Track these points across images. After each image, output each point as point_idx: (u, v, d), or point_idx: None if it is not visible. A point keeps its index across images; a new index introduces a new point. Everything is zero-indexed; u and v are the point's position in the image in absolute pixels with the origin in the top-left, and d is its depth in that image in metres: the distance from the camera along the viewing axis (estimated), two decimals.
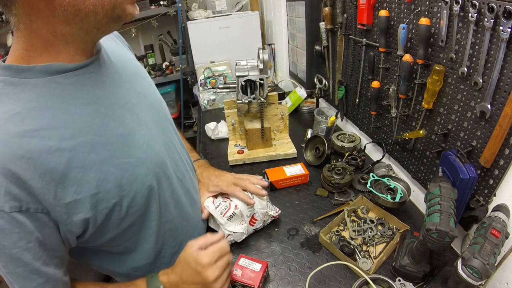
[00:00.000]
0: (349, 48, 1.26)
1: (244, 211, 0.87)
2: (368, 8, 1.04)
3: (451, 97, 0.79)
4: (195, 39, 2.07)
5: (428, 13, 0.80)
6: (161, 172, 0.67)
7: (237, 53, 2.09)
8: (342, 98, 1.39)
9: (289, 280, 0.79)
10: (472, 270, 0.58)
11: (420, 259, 0.72)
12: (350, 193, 1.06)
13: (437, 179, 0.74)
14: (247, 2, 2.24)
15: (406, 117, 0.99)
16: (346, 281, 0.76)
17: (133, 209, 0.60)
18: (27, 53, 0.49)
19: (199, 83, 2.09)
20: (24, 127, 0.46)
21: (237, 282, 0.75)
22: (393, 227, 0.90)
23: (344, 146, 1.23)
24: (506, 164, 0.66)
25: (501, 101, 0.64)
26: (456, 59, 0.74)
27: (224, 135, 1.51)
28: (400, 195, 0.92)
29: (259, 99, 1.22)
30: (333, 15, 1.32)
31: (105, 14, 0.49)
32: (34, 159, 0.45)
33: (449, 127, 0.81)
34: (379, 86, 1.07)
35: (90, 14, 0.47)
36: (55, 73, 0.50)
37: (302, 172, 1.12)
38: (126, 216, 0.59)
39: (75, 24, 0.48)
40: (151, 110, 0.70)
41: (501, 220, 0.64)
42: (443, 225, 0.62)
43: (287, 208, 1.03)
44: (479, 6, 0.63)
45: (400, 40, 0.88)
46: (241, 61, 1.19)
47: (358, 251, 0.82)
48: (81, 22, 0.48)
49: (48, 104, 0.49)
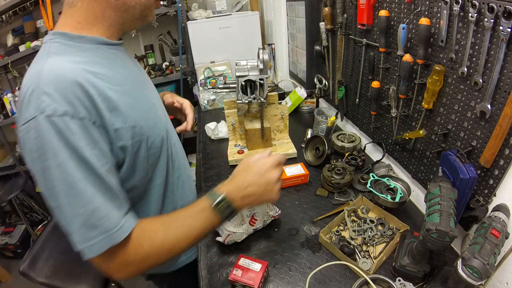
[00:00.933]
0: (349, 48, 1.26)
1: (244, 211, 0.87)
2: (368, 8, 1.04)
3: (451, 97, 0.79)
4: (195, 39, 2.07)
5: (428, 13, 0.80)
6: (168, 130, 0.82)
7: (237, 53, 2.09)
8: (342, 98, 1.39)
9: (289, 280, 0.79)
10: (472, 270, 0.58)
11: (420, 259, 0.72)
12: (350, 193, 1.06)
13: (437, 179, 0.74)
14: (247, 2, 2.24)
15: (406, 117, 0.99)
16: (346, 281, 0.76)
17: (152, 150, 0.72)
18: (79, 25, 0.63)
19: (199, 83, 2.09)
20: (90, 69, 0.60)
21: (237, 282, 0.75)
22: (393, 227, 0.90)
23: (344, 146, 1.23)
24: (506, 164, 0.66)
25: (501, 101, 0.64)
26: (456, 59, 0.74)
27: (224, 135, 1.51)
28: (400, 195, 0.92)
29: (259, 99, 1.22)
30: (333, 15, 1.32)
31: (139, 11, 0.67)
32: (98, 88, 0.58)
33: (449, 127, 0.81)
34: (379, 86, 1.07)
35: (130, 8, 0.65)
36: (100, 43, 0.66)
37: (302, 172, 1.12)
38: (148, 156, 0.71)
39: (119, 12, 0.65)
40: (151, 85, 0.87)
41: (501, 220, 0.64)
42: (443, 225, 0.62)
43: (287, 208, 1.03)
44: (479, 6, 0.63)
45: (400, 40, 0.88)
46: (241, 61, 1.19)
47: (358, 251, 0.82)
48: (123, 12, 0.66)
49: (99, 61, 0.64)
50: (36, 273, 1.24)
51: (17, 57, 2.20)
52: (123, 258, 0.59)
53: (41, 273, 1.24)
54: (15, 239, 2.36)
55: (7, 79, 2.50)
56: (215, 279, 0.81)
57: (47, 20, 2.13)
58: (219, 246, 0.90)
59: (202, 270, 0.84)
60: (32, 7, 2.23)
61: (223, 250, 0.89)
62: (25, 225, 2.42)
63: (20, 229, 2.44)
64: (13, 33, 2.35)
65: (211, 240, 0.92)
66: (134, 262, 0.60)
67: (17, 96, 2.25)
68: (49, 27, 2.13)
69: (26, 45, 2.20)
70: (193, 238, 0.64)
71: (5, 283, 2.25)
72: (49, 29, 2.12)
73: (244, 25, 2.09)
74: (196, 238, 0.65)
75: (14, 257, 2.40)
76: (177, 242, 0.63)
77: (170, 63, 2.59)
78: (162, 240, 0.62)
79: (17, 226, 2.47)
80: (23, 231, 2.42)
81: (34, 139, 0.52)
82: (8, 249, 2.38)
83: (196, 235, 0.64)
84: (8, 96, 2.27)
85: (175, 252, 0.64)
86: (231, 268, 0.77)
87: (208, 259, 0.87)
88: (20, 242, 2.36)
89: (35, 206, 2.60)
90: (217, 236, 0.88)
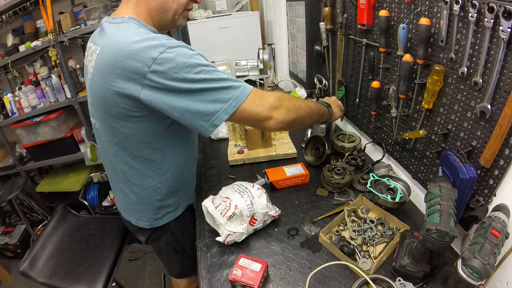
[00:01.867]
0: (349, 48, 1.26)
1: (244, 211, 0.87)
2: (368, 8, 1.04)
3: (451, 97, 0.79)
4: (195, 39, 2.07)
5: (428, 13, 0.80)
6: None
7: (237, 53, 2.09)
8: (342, 98, 1.39)
9: (289, 280, 0.79)
10: (472, 270, 0.58)
11: (420, 259, 0.72)
12: (350, 193, 1.06)
13: (437, 179, 0.74)
14: (247, 2, 2.24)
15: (406, 117, 0.99)
16: (346, 281, 0.76)
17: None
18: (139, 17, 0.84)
19: None
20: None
21: (237, 282, 0.75)
22: (393, 227, 0.90)
23: (344, 146, 1.23)
24: (506, 164, 0.66)
25: (501, 101, 0.64)
26: (456, 59, 0.74)
27: (224, 135, 1.51)
28: (400, 195, 0.92)
29: None
30: (333, 15, 1.32)
31: (172, 15, 0.87)
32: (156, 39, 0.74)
33: (449, 127, 0.81)
34: (379, 86, 1.07)
35: (165, 13, 0.86)
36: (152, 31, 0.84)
37: (302, 172, 1.12)
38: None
39: (158, 14, 0.86)
40: None
41: (501, 220, 0.64)
42: (443, 225, 0.62)
43: (287, 208, 1.03)
44: (479, 6, 0.63)
45: (400, 40, 0.88)
46: (241, 61, 1.19)
47: (358, 251, 0.82)
48: (160, 14, 0.86)
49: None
50: (36, 273, 1.24)
51: (17, 57, 2.20)
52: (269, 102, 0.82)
53: (41, 273, 1.24)
54: (15, 239, 2.36)
55: (7, 79, 2.50)
56: (215, 279, 0.81)
57: (47, 20, 2.12)
58: (219, 246, 0.90)
59: (202, 270, 0.84)
60: (32, 7, 2.23)
61: (223, 250, 0.89)
62: (25, 225, 2.42)
63: (20, 229, 2.43)
64: (13, 33, 2.35)
65: (211, 240, 0.92)
66: (279, 106, 0.83)
67: (17, 96, 2.25)
68: (49, 27, 2.12)
69: (26, 45, 2.19)
70: (313, 113, 0.96)
71: (5, 283, 2.25)
72: (49, 29, 2.12)
73: (244, 25, 2.09)
74: (314, 113, 0.96)
75: (14, 257, 2.40)
76: (307, 109, 0.92)
77: None
78: (297, 102, 0.89)
79: (17, 226, 2.47)
80: (23, 231, 2.42)
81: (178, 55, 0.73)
82: (8, 249, 2.37)
83: (315, 111, 0.97)
84: (8, 96, 2.26)
85: (303, 118, 0.90)
86: (231, 268, 0.77)
87: (208, 259, 0.87)
88: (20, 242, 2.35)
89: (35, 206, 2.60)
90: (217, 236, 0.88)
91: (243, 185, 0.95)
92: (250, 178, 1.18)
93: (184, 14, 0.90)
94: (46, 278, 1.24)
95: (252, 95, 0.78)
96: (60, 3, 2.35)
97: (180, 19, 0.90)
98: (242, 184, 0.95)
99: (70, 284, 1.24)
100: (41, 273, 1.24)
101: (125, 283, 2.07)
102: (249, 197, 0.89)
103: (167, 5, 0.85)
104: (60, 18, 2.18)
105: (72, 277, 1.26)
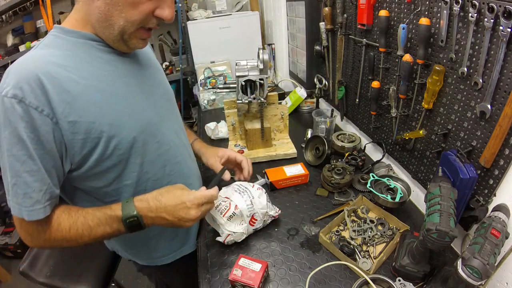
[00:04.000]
0: (349, 48, 1.26)
1: (244, 211, 0.87)
2: (368, 8, 1.04)
3: (451, 97, 0.79)
4: (195, 39, 2.07)
5: (428, 13, 0.80)
6: (149, 133, 0.79)
7: (237, 53, 2.09)
8: (342, 98, 1.39)
9: (289, 280, 0.79)
10: (472, 270, 0.58)
11: (420, 259, 0.72)
12: (350, 193, 1.06)
13: (437, 179, 0.74)
14: (247, 2, 2.24)
15: (406, 117, 0.99)
16: (346, 281, 0.76)
17: (118, 152, 0.72)
18: (76, 22, 0.70)
19: (199, 83, 2.09)
20: (59, 62, 0.65)
21: (237, 282, 0.75)
22: (393, 227, 0.90)
23: (344, 146, 1.23)
24: (506, 164, 0.66)
25: (501, 101, 0.64)
26: (456, 59, 0.74)
27: (224, 135, 1.51)
28: (400, 195, 0.92)
29: (259, 99, 1.22)
30: (333, 15, 1.32)
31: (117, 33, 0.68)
32: (58, 80, 0.63)
33: (449, 127, 0.81)
34: (379, 86, 1.07)
35: (109, 28, 0.67)
36: (89, 39, 0.71)
37: (302, 172, 1.12)
38: (111, 155, 0.72)
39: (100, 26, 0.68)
40: (156, 89, 0.86)
41: (501, 220, 0.64)
42: (443, 225, 0.62)
43: (287, 208, 1.03)
44: (479, 6, 0.63)
45: (400, 40, 0.88)
46: (241, 61, 1.19)
47: (358, 251, 0.82)
48: (103, 29, 0.68)
49: (80, 55, 0.69)
50: (36, 273, 1.24)
51: (17, 57, 2.18)
52: (30, 232, 0.69)
53: (41, 273, 1.24)
54: (15, 239, 2.36)
55: None
56: (215, 279, 0.81)
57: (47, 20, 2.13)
58: (219, 246, 0.90)
59: (202, 270, 0.84)
60: (32, 7, 2.23)
61: (223, 250, 0.89)
62: None
63: None
64: (13, 33, 2.35)
65: (211, 240, 0.92)
66: (39, 239, 0.70)
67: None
68: (49, 27, 2.13)
69: (26, 45, 2.20)
70: (94, 239, 0.72)
71: (5, 283, 2.25)
72: (49, 29, 2.12)
73: (244, 25, 2.10)
74: (98, 239, 0.73)
75: (14, 257, 2.40)
76: (80, 238, 0.71)
77: (170, 63, 2.59)
78: (67, 232, 0.70)
79: None
80: None
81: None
82: (8, 249, 2.37)
83: (98, 238, 0.72)
84: None
85: (77, 244, 0.72)
86: (231, 268, 0.77)
87: (208, 259, 0.87)
88: (20, 242, 2.35)
89: None
90: (217, 236, 0.88)
91: (243, 185, 0.95)
92: (250, 178, 1.18)
93: (139, 34, 0.70)
94: (46, 278, 1.23)
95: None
96: (60, 3, 2.35)
97: (132, 40, 0.70)
98: (242, 184, 0.95)
99: (70, 284, 1.24)
100: (41, 273, 1.24)
101: (125, 283, 2.06)
102: (249, 197, 0.89)
103: (111, 19, 0.65)
104: (60, 18, 2.19)
105: (72, 277, 1.26)
